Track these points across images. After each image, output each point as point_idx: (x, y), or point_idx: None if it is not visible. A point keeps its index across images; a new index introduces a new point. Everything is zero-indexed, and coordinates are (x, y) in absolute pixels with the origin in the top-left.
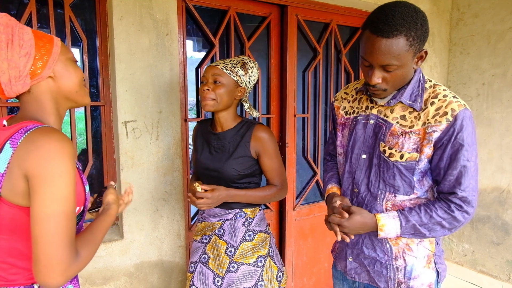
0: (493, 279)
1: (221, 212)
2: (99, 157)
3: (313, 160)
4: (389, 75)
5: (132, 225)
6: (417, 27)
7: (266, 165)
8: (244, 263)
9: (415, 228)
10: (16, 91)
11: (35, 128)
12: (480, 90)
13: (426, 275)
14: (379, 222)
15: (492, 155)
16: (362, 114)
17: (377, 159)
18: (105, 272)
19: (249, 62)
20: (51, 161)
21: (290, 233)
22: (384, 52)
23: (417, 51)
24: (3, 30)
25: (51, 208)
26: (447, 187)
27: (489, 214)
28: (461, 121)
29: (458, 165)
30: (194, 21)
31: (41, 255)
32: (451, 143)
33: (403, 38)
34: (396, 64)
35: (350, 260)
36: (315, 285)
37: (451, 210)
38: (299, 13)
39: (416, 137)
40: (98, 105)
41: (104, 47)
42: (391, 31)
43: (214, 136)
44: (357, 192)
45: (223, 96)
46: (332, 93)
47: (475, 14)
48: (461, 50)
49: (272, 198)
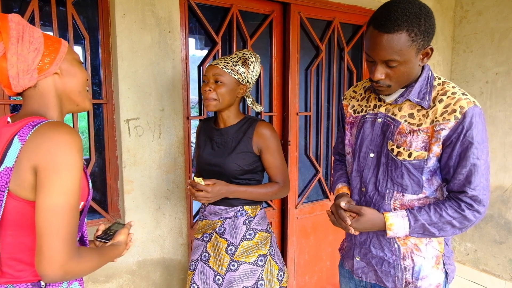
0: (496, 278)
1: (221, 210)
2: (101, 155)
3: (315, 158)
4: (392, 71)
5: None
6: (420, 23)
7: (268, 161)
8: (244, 262)
9: (425, 228)
10: (23, 85)
11: (43, 122)
12: (483, 89)
13: (435, 276)
14: (387, 221)
15: (495, 153)
16: (370, 113)
17: (385, 158)
18: (107, 270)
19: (251, 57)
20: (60, 153)
21: (292, 231)
22: (385, 47)
23: (421, 48)
24: (15, 27)
25: (57, 199)
26: (457, 186)
27: (492, 213)
28: (470, 119)
29: (468, 164)
30: (196, 18)
31: (44, 246)
32: (460, 141)
33: (405, 33)
34: (398, 59)
35: (357, 259)
36: (317, 284)
37: (461, 209)
38: (301, 10)
39: (425, 135)
40: (101, 103)
41: (106, 44)
42: (393, 26)
43: (217, 132)
44: (365, 191)
45: (225, 96)
46: (334, 91)
47: (478, 11)
48: (465, 48)
49: (273, 195)
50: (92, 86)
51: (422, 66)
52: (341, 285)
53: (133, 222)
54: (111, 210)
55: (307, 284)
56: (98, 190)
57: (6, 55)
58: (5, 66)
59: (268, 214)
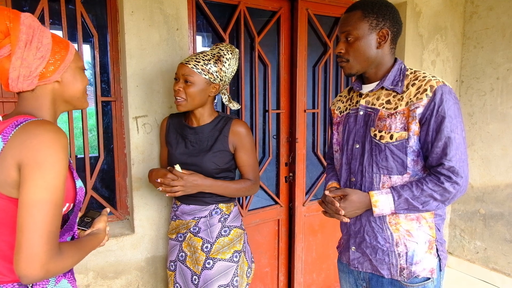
0: (506, 277)
1: (195, 210)
2: (110, 152)
3: (323, 156)
4: (350, 46)
5: (143, 220)
6: (373, 4)
7: (242, 159)
8: (220, 258)
9: (408, 202)
10: (20, 88)
11: (28, 121)
12: (494, 85)
13: (428, 261)
14: (372, 198)
15: (506, 151)
16: (352, 109)
17: (369, 145)
18: (116, 266)
19: (226, 54)
20: (45, 150)
21: (300, 229)
22: (343, 22)
23: (374, 26)
24: (25, 30)
25: (40, 195)
26: (435, 159)
27: (502, 211)
28: (440, 95)
29: (443, 137)
30: (204, 16)
31: (24, 244)
32: (434, 116)
33: (359, 11)
34: (353, 32)
35: (353, 249)
36: (325, 281)
37: (440, 182)
38: (309, 7)
39: (402, 116)
40: (109, 101)
41: (115, 42)
42: (351, 8)
43: (190, 131)
44: (354, 181)
45: (195, 96)
46: (342, 88)
47: (489, 6)
48: (475, 44)
49: (246, 191)
50: (100, 84)
51: (394, 59)
52: (341, 281)
53: (108, 209)
54: (120, 207)
55: (315, 282)
56: (107, 187)
57: (10, 57)
58: (8, 67)
59: (276, 212)
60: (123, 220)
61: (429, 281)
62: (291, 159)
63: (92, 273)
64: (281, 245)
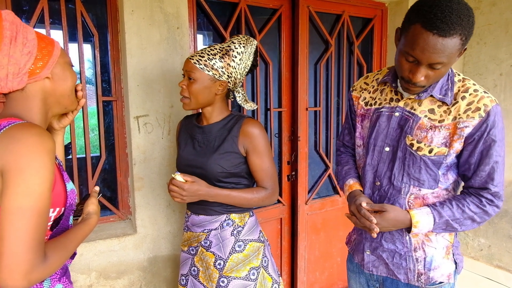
0: (510, 274)
1: (204, 221)
2: (111, 152)
3: (325, 154)
4: (433, 72)
5: (145, 220)
6: (470, 26)
7: (254, 164)
8: (235, 277)
9: (448, 223)
10: (10, 87)
11: (12, 124)
12: (497, 81)
13: (446, 266)
14: (414, 219)
15: (510, 147)
16: (386, 106)
17: (402, 152)
18: (119, 266)
19: (238, 47)
20: (29, 155)
21: (303, 227)
22: (438, 51)
23: (461, 49)
24: (8, 26)
25: (23, 202)
26: (478, 182)
27: (506, 208)
28: (494, 117)
29: (491, 161)
30: (204, 14)
31: (5, 252)
32: (483, 139)
33: (458, 37)
34: (445, 62)
35: (367, 253)
36: (328, 280)
37: (482, 204)
38: (310, 4)
39: (446, 131)
40: (110, 100)
41: (115, 41)
42: (449, 30)
43: (199, 130)
44: (379, 185)
45: (197, 94)
46: (344, 86)
47: (492, 2)
48: (478, 40)
49: (259, 202)
50: (101, 84)
51: None
52: (349, 281)
53: (97, 187)
54: (122, 207)
55: (318, 280)
56: (109, 187)
57: None
58: None
59: (278, 210)
60: (125, 220)
61: (445, 284)
62: (293, 157)
63: (94, 273)
64: (284, 244)
